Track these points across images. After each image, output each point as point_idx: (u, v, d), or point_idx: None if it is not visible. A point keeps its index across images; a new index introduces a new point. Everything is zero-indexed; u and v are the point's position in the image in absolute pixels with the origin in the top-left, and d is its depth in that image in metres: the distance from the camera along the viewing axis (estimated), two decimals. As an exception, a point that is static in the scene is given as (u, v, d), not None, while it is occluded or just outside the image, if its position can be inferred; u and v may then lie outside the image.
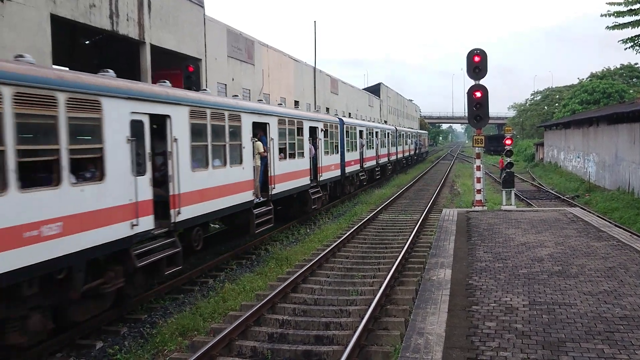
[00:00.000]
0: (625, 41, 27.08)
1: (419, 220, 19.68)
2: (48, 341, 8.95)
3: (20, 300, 7.96)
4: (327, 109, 49.07)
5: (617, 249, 11.79)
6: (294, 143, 19.54)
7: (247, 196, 15.34)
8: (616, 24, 26.75)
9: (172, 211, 11.47)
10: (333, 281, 12.54)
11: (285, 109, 20.19)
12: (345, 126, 28.31)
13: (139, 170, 10.27)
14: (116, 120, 9.66)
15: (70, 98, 8.46)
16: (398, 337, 8.61)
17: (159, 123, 11.41)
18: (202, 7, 26.65)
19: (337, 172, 26.24)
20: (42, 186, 8.03)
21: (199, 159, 12.83)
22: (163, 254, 10.91)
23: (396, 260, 13.23)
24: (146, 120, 10.68)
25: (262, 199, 16.51)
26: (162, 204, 11.25)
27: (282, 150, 18.32)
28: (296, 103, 41.15)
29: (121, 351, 8.92)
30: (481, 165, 19.38)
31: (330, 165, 24.65)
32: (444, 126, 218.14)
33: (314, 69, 46.48)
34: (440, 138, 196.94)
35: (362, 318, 9.16)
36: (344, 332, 9.16)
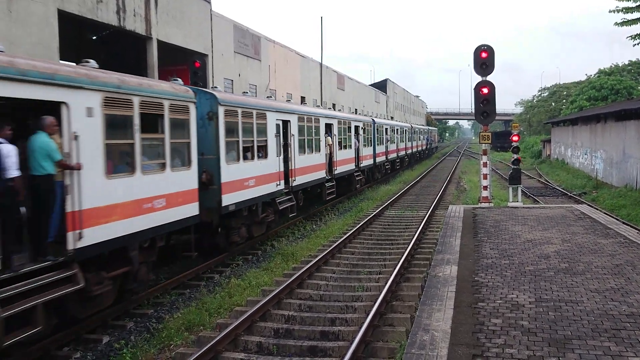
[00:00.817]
0: (633, 37, 26.93)
1: (425, 216, 19.65)
2: (55, 335, 9.01)
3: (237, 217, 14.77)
4: (334, 105, 49.02)
5: (624, 246, 11.74)
6: (346, 138, 26.93)
7: (323, 174, 22.79)
8: (625, 20, 26.62)
9: (290, 179, 18.84)
10: (339, 277, 12.54)
11: (341, 114, 28.93)
12: (375, 125, 34.76)
13: (278, 153, 17.62)
14: (271, 124, 16.93)
15: (258, 113, 15.84)
16: (404, 333, 8.60)
17: (284, 125, 18.45)
18: (209, 2, 26.67)
19: (370, 161, 32.82)
20: (247, 160, 15.23)
21: (302, 148, 20.19)
22: (288, 204, 18.07)
23: (402, 256, 13.21)
24: (280, 124, 17.98)
25: (328, 177, 23.64)
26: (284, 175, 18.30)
27: (339, 144, 25.47)
28: (302, 99, 41.12)
29: (127, 346, 8.96)
30: (488, 161, 19.32)
31: (366, 156, 31.41)
32: (451, 122, 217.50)
33: (321, 64, 46.42)
34: (447, 134, 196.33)
35: (368, 314, 9.16)
36: (349, 327, 9.17)
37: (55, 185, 8.40)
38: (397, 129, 43.75)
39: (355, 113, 50.42)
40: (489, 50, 18.46)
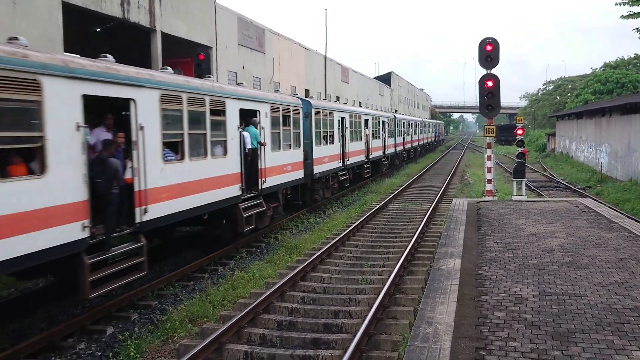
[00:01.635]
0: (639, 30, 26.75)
1: (428, 209, 19.63)
2: (59, 325, 9.05)
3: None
4: (338, 98, 48.94)
5: (629, 240, 11.72)
6: (376, 130, 33.61)
7: (363, 157, 29.89)
8: (631, 12, 26.44)
9: (345, 160, 25.71)
10: (342, 270, 12.56)
11: (374, 111, 36.84)
12: (396, 120, 41.67)
13: (339, 140, 24.98)
14: (336, 120, 24.22)
15: (330, 113, 22.84)
16: (407, 326, 8.61)
17: (342, 121, 25.38)
18: (213, -6, 26.60)
19: (393, 150, 39.73)
20: (325, 144, 22.06)
21: (352, 138, 27.10)
22: (345, 177, 25.32)
23: (405, 249, 13.21)
24: (340, 120, 25.03)
25: (366, 160, 30.34)
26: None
27: (372, 135, 31.98)
28: (306, 92, 41.06)
29: (131, 337, 9.00)
30: (492, 155, 19.28)
31: (390, 145, 38.09)
32: (455, 116, 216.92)
33: (325, 57, 46.30)
34: (451, 128, 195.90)
35: (371, 307, 9.17)
36: (352, 320, 9.18)
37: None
38: (412, 123, 51.02)
39: (360, 106, 50.60)
40: (494, 43, 18.37)
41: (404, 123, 45.04)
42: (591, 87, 60.33)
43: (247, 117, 15.27)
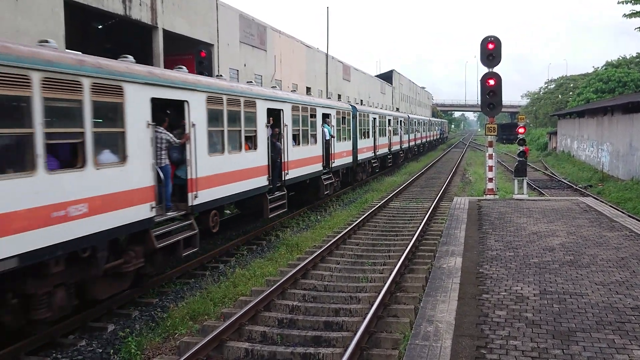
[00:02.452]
0: (642, 29, 26.68)
1: (429, 208, 19.63)
2: (60, 323, 9.06)
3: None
4: (339, 96, 48.93)
5: (630, 239, 11.71)
6: (396, 128, 40.43)
7: (387, 150, 36.23)
8: (634, 11, 26.37)
9: (375, 151, 32.17)
10: (343, 268, 12.56)
11: (395, 112, 44.99)
12: (409, 119, 48.45)
13: (372, 135, 31.47)
14: (372, 119, 31.36)
15: (367, 114, 30.51)
16: (407, 324, 8.61)
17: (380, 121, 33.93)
18: (215, -8, 26.57)
19: (407, 144, 46.45)
20: (363, 139, 29.13)
21: (381, 134, 33.71)
22: (377, 163, 32.82)
23: (406, 247, 13.21)
24: (377, 119, 32.55)
25: (389, 153, 37.01)
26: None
27: (395, 132, 38.96)
28: (308, 89, 41.03)
29: (132, 334, 9.00)
30: (493, 153, 19.26)
31: (405, 141, 44.68)
32: (456, 114, 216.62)
33: (326, 55, 46.26)
34: (453, 126, 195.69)
35: (372, 305, 9.18)
36: (353, 318, 9.19)
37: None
38: (421, 122, 58.73)
39: (361, 104, 50.69)
40: (496, 41, 18.34)
41: (415, 122, 53.21)
42: (593, 85, 60.27)
43: (325, 118, 22.07)
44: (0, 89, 7.01)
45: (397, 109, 68.44)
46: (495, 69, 18.42)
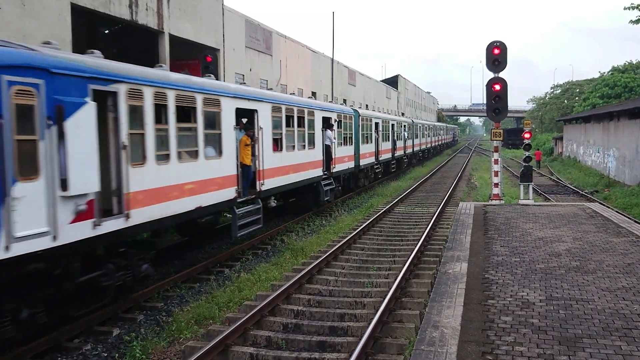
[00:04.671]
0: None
1: (435, 213, 19.59)
2: (65, 327, 9.07)
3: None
4: (345, 101, 48.96)
5: (637, 245, 11.65)
6: (419, 133, 49.65)
7: (402, 152, 40.43)
8: (640, 17, 26.31)
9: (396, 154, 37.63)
10: (348, 273, 12.54)
11: (419, 120, 55.10)
12: (430, 125, 60.98)
13: (384, 139, 33.91)
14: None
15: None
16: (413, 329, 8.59)
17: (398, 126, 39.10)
18: (221, -3, 26.66)
19: (428, 146, 56.80)
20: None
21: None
22: (381, 169, 33.26)
23: (412, 252, 13.18)
24: (390, 125, 35.88)
25: (405, 154, 41.88)
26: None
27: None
28: (313, 94, 41.08)
29: (137, 338, 9.01)
30: (499, 158, 19.22)
31: (425, 142, 54.53)
32: (462, 119, 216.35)
33: (332, 59, 46.32)
34: (458, 131, 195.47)
35: (377, 310, 9.15)
36: (358, 323, 9.16)
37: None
38: (439, 127, 72.37)
39: (366, 109, 50.84)
40: (502, 46, 18.33)
41: (434, 127, 64.97)
42: (599, 91, 60.05)
43: (326, 122, 21.79)
44: (207, 108, 12.31)
45: (403, 114, 68.46)
46: (501, 74, 18.41)
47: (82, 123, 8.38)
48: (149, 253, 11.09)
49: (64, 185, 8.02)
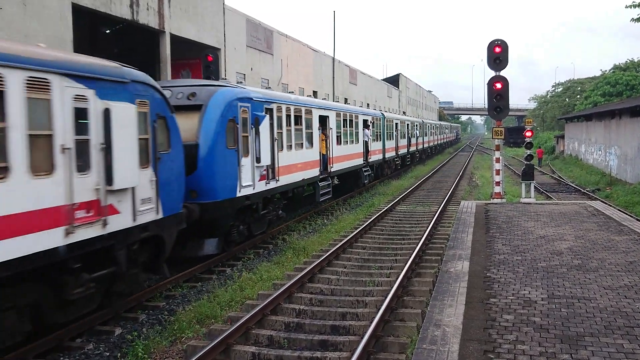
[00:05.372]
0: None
1: (436, 212, 19.59)
2: (68, 326, 9.09)
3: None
4: (346, 100, 48.94)
5: (639, 243, 11.64)
6: (432, 131, 60.68)
7: (406, 151, 42.50)
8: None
9: (410, 149, 44.91)
10: (350, 271, 12.54)
11: (430, 120, 67.84)
12: (437, 124, 68.34)
13: (401, 137, 40.69)
14: (394, 125, 37.64)
15: (398, 120, 39.58)
16: (414, 328, 8.59)
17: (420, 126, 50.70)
18: (222, -4, 26.67)
19: (437, 142, 63.74)
20: (375, 142, 31.51)
21: (401, 137, 40.55)
22: (398, 162, 39.76)
23: (413, 251, 13.18)
24: (411, 125, 45.38)
25: (418, 150, 49.29)
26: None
27: (426, 134, 53.72)
28: (315, 93, 41.08)
29: (139, 337, 9.02)
30: (500, 157, 19.21)
31: (433, 140, 61.47)
32: (463, 117, 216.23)
33: (333, 58, 46.31)
34: (460, 129, 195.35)
35: (379, 309, 9.15)
36: (360, 322, 9.17)
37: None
38: (444, 126, 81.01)
39: (368, 107, 50.93)
40: (503, 45, 18.31)
41: (441, 126, 73.99)
42: (600, 89, 60.00)
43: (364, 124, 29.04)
44: (306, 116, 19.03)
45: (404, 113, 68.50)
46: (502, 73, 18.39)
47: (265, 127, 15.12)
48: (282, 203, 17.50)
49: (257, 160, 14.72)
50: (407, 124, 43.35)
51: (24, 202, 7.15)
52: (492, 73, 18.47)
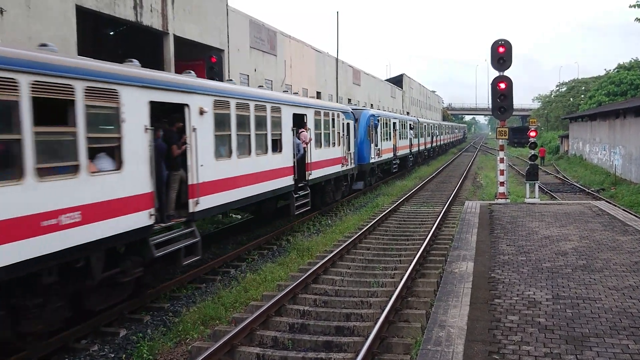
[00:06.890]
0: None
1: (441, 212, 19.55)
2: (72, 328, 9.11)
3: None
4: (349, 100, 48.95)
5: (644, 243, 11.59)
6: (440, 132, 65.39)
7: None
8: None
9: (413, 149, 46.99)
10: (354, 272, 12.53)
11: (438, 121, 71.40)
12: (446, 124, 76.95)
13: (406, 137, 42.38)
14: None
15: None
16: (419, 329, 8.58)
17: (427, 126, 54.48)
18: (225, -3, 26.71)
19: (445, 142, 68.62)
20: (385, 140, 32.83)
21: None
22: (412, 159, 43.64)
23: (418, 252, 13.17)
24: (411, 124, 43.88)
25: (429, 148, 55.00)
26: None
27: (440, 133, 63.23)
28: (318, 94, 41.11)
29: (144, 339, 9.04)
30: (504, 157, 19.18)
31: (441, 139, 65.05)
32: (467, 117, 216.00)
33: (336, 59, 46.32)
34: (466, 129, 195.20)
35: (383, 310, 9.15)
36: (364, 323, 9.16)
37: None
38: (451, 127, 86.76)
39: (371, 108, 51.12)
40: (507, 45, 18.29)
41: (448, 126, 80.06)
42: (605, 88, 59.85)
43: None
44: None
45: (408, 113, 68.44)
46: (506, 72, 18.37)
47: (350, 128, 23.44)
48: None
49: (348, 147, 23.39)
50: (424, 125, 51.53)
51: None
52: (496, 72, 18.45)
